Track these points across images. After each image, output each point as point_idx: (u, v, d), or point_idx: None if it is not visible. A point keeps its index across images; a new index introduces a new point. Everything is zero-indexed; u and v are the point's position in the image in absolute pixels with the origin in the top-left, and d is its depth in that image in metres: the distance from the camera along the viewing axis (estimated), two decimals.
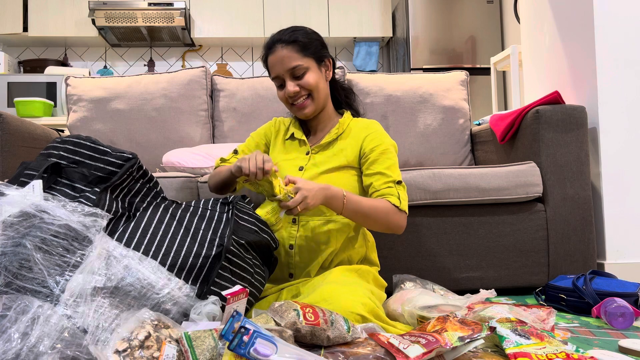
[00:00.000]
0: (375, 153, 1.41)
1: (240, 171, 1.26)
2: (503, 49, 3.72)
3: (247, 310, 1.14)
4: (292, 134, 1.52)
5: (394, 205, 1.36)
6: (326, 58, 1.47)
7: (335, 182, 1.40)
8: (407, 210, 1.39)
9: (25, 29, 3.96)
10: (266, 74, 1.54)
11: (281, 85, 1.44)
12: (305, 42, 1.42)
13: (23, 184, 1.06)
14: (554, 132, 1.83)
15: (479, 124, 2.42)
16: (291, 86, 1.40)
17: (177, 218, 1.15)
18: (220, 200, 1.26)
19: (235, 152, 1.58)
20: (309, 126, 1.53)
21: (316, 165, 1.44)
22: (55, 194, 1.07)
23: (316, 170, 1.42)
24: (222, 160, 1.58)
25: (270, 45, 1.43)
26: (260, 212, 1.26)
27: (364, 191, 1.45)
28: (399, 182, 1.40)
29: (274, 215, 1.25)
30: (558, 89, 2.23)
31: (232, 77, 2.47)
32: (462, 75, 2.38)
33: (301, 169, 1.44)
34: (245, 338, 0.84)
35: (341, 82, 1.60)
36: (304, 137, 1.50)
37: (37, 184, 1.03)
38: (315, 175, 1.41)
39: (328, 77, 1.48)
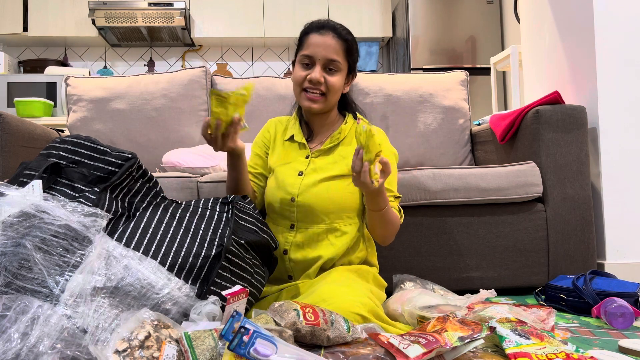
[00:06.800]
0: None
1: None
2: (503, 49, 3.72)
3: (247, 310, 1.14)
4: (292, 135, 1.50)
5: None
6: (354, 72, 1.48)
7: (335, 189, 1.39)
8: None
9: (25, 29, 3.96)
10: (266, 74, 1.54)
11: (307, 65, 1.40)
12: (352, 47, 1.43)
13: (23, 184, 1.06)
14: (554, 132, 1.83)
15: (479, 124, 2.42)
16: (318, 73, 1.38)
17: (177, 218, 1.15)
18: (220, 200, 1.26)
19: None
20: (311, 126, 1.50)
21: (316, 171, 1.42)
22: (55, 194, 1.07)
23: (316, 176, 1.41)
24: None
25: (322, 26, 1.41)
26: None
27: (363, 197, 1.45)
28: (397, 197, 1.44)
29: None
30: (558, 89, 2.23)
31: (232, 77, 2.47)
32: (462, 75, 2.38)
33: (301, 174, 1.43)
34: (245, 338, 0.84)
35: (351, 98, 1.58)
36: (304, 141, 1.47)
37: (37, 184, 1.03)
38: (315, 182, 1.40)
39: (345, 90, 1.48)
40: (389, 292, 1.51)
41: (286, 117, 1.59)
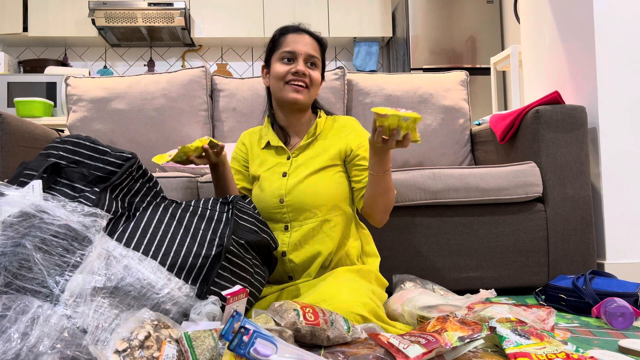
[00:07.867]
0: (362, 149, 1.44)
1: None
2: (503, 49, 3.72)
3: (247, 310, 1.14)
4: (268, 142, 1.50)
5: None
6: (324, 77, 1.54)
7: (322, 181, 1.41)
8: None
9: (25, 29, 3.96)
10: None
11: (289, 60, 1.44)
12: (325, 49, 1.52)
13: (23, 184, 1.06)
14: (554, 132, 1.83)
15: (479, 124, 2.42)
16: (302, 66, 1.43)
17: (177, 218, 1.15)
18: (220, 200, 1.26)
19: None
20: (286, 129, 1.51)
21: (299, 168, 1.43)
22: (55, 194, 1.07)
23: (300, 173, 1.42)
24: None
25: (297, 29, 1.48)
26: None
27: (350, 184, 1.46)
28: None
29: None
30: (558, 89, 2.23)
31: (232, 77, 2.47)
32: (462, 75, 2.38)
33: (285, 174, 1.43)
34: (245, 338, 0.84)
35: (318, 102, 1.61)
36: (280, 144, 1.48)
37: (37, 184, 1.03)
38: (301, 179, 1.41)
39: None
40: (389, 292, 1.51)
41: (258, 127, 1.60)
